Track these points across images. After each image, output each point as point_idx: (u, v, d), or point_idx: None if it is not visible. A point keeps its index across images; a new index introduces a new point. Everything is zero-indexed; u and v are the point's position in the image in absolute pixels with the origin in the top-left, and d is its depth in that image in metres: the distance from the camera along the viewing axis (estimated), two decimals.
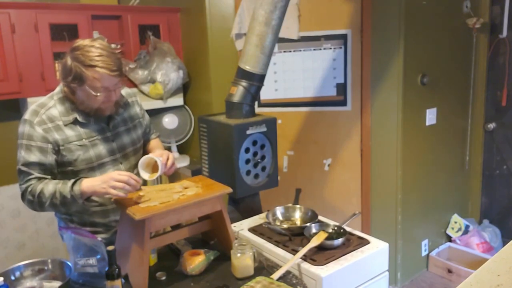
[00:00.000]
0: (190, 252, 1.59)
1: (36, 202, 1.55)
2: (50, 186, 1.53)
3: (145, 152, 1.89)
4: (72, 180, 1.53)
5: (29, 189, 1.55)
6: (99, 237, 1.69)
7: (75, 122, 1.61)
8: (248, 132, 1.98)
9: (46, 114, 1.59)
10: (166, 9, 3.22)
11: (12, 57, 2.57)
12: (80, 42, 1.55)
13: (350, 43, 2.88)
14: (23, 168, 1.56)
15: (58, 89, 1.67)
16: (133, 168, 1.77)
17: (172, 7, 3.23)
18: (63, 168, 1.62)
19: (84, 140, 1.62)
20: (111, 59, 1.51)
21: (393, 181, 2.91)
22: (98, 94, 1.53)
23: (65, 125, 1.60)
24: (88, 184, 1.51)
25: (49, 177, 1.59)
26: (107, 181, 1.47)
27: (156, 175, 1.58)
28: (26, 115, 1.59)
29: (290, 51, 3.00)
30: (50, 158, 1.58)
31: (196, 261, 1.54)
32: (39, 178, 1.57)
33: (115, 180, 1.46)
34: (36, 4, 2.71)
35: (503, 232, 3.34)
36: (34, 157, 1.56)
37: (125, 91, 1.82)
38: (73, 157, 1.60)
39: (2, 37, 2.53)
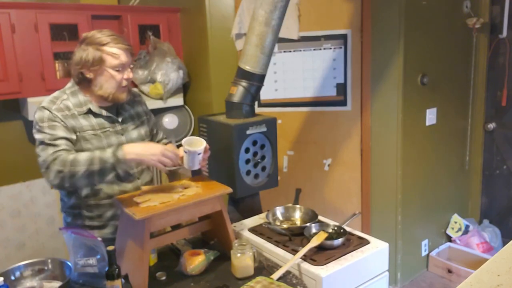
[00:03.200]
0: (190, 252, 1.59)
1: (66, 172, 1.50)
2: (84, 155, 1.52)
3: None
4: (113, 147, 1.56)
5: (59, 158, 1.51)
6: (96, 233, 1.72)
7: (88, 112, 1.68)
8: (248, 132, 1.98)
9: (63, 103, 1.65)
10: (166, 9, 3.22)
11: (12, 57, 2.57)
12: (87, 33, 1.67)
13: (350, 43, 2.88)
14: (51, 142, 1.55)
15: (69, 84, 1.73)
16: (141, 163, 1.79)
17: (172, 7, 3.23)
18: None
19: (96, 130, 1.68)
20: (122, 38, 1.66)
21: (393, 181, 2.91)
22: (118, 69, 1.63)
23: (79, 115, 1.66)
24: (132, 150, 1.54)
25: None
26: (157, 154, 1.53)
27: (199, 149, 1.61)
28: (44, 103, 1.64)
29: (290, 51, 3.00)
30: (74, 137, 1.62)
31: (196, 261, 1.54)
32: (68, 150, 1.57)
33: (165, 156, 1.54)
34: (36, 4, 2.71)
35: (503, 232, 3.34)
36: (61, 132, 1.59)
37: (133, 90, 1.90)
38: (87, 145, 1.65)
39: (2, 37, 2.53)
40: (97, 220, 1.75)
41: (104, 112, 1.70)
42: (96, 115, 1.69)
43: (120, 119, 1.75)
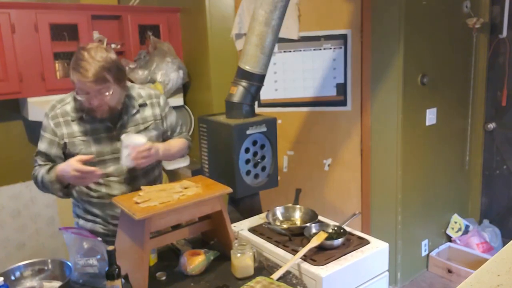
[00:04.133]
0: (190, 252, 1.59)
1: (39, 186, 1.72)
2: (41, 172, 1.69)
3: None
4: (48, 167, 1.68)
5: (34, 174, 1.72)
6: (99, 228, 1.79)
7: (82, 118, 1.71)
8: (248, 132, 1.98)
9: (61, 109, 1.72)
10: (166, 9, 3.22)
11: (12, 57, 2.57)
12: (86, 44, 1.64)
13: (350, 43, 2.88)
14: (35, 156, 1.74)
15: None
16: (136, 169, 1.77)
17: (172, 7, 3.23)
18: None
19: (88, 136, 1.70)
20: (93, 67, 1.55)
21: (393, 181, 2.91)
22: (79, 96, 1.63)
23: (73, 121, 1.71)
24: (60, 168, 1.62)
25: (51, 164, 1.72)
26: (68, 169, 1.58)
27: (126, 151, 1.61)
28: (48, 108, 1.74)
29: (290, 51, 3.00)
30: (55, 150, 1.71)
31: (196, 261, 1.54)
32: (42, 166, 1.71)
33: (77, 176, 1.57)
34: (36, 4, 2.71)
35: (503, 232, 3.34)
36: (43, 146, 1.71)
37: (146, 91, 1.86)
38: (76, 150, 1.69)
39: (2, 37, 2.53)
40: (91, 214, 1.81)
41: (98, 119, 1.70)
42: (89, 121, 1.71)
43: (117, 126, 1.73)
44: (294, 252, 1.58)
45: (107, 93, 1.62)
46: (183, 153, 1.96)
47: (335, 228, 1.71)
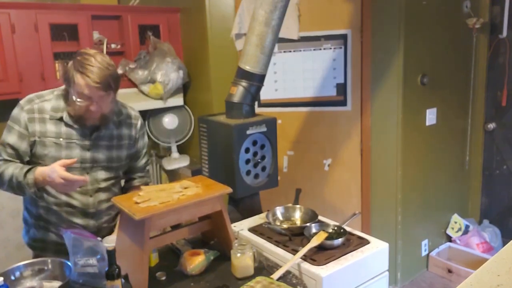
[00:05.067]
0: (190, 252, 1.59)
1: (3, 183, 1.62)
2: (10, 169, 1.59)
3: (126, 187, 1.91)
4: (28, 167, 1.59)
5: None
6: (53, 236, 1.72)
7: (60, 119, 1.65)
8: (248, 132, 1.98)
9: (38, 105, 1.65)
10: (166, 9, 3.22)
11: (12, 57, 2.57)
12: (87, 50, 1.61)
13: (350, 43, 2.88)
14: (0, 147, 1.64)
15: (63, 86, 1.71)
16: (99, 182, 1.73)
17: (172, 7, 3.23)
18: (34, 160, 1.65)
19: (61, 139, 1.65)
20: (101, 72, 1.54)
21: (393, 181, 2.91)
22: (79, 100, 1.57)
23: (50, 119, 1.64)
24: (41, 173, 1.54)
25: (18, 161, 1.64)
26: (52, 175, 1.51)
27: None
28: (22, 100, 1.68)
29: (290, 51, 3.00)
30: (25, 146, 1.63)
31: (196, 261, 1.54)
32: (7, 161, 1.63)
33: (55, 178, 1.50)
34: (36, 4, 2.71)
35: (503, 232, 3.34)
36: (11, 139, 1.63)
37: (127, 110, 1.83)
38: (44, 151, 1.64)
39: (2, 37, 2.53)
40: (44, 222, 1.74)
41: (76, 124, 1.66)
42: (67, 124, 1.65)
43: (92, 136, 1.69)
44: (294, 252, 1.58)
45: (109, 101, 1.60)
46: None
47: (335, 228, 1.71)
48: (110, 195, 1.79)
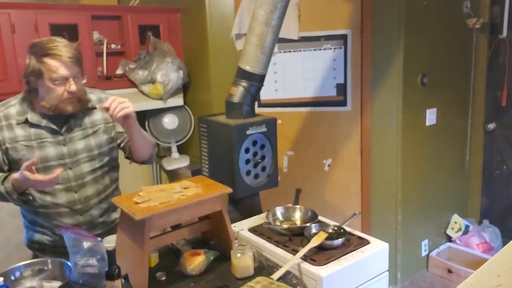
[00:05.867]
0: (190, 252, 1.59)
1: None
2: None
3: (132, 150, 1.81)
4: (3, 175, 1.58)
5: None
6: (46, 240, 1.72)
7: (26, 122, 1.63)
8: (248, 132, 1.98)
9: (3, 112, 1.64)
10: (166, 9, 3.22)
11: (12, 57, 2.57)
12: (37, 40, 1.60)
13: (350, 43, 2.88)
14: None
15: (26, 89, 1.68)
16: (84, 176, 1.71)
17: (172, 7, 3.23)
18: (12, 166, 1.65)
19: (31, 141, 1.63)
20: (68, 49, 1.55)
21: (393, 181, 2.91)
22: (56, 83, 1.55)
23: (17, 124, 1.63)
24: (14, 178, 1.54)
25: None
26: (26, 181, 1.50)
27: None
28: None
29: (290, 51, 3.00)
30: None
31: (196, 261, 1.54)
32: None
33: (32, 182, 1.49)
34: (36, 4, 2.71)
35: (503, 232, 3.34)
36: None
37: (96, 95, 1.78)
38: (18, 156, 1.62)
39: (2, 37, 2.53)
40: (38, 226, 1.74)
41: (43, 123, 1.63)
42: (33, 125, 1.63)
43: (63, 130, 1.66)
44: (294, 252, 1.58)
45: (82, 79, 1.60)
46: (150, 146, 1.82)
47: (335, 228, 1.71)
48: (100, 187, 1.76)
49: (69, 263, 1.50)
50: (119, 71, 3.07)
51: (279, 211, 1.93)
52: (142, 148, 1.78)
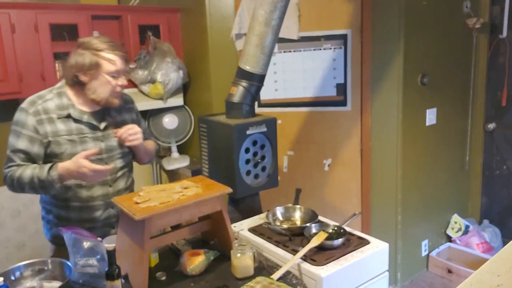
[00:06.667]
0: (190, 252, 1.59)
1: (16, 186, 1.63)
2: (28, 171, 1.60)
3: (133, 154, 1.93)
4: (49, 165, 1.60)
5: (9, 175, 1.63)
6: None
7: (68, 117, 1.68)
8: (248, 132, 1.98)
9: (42, 106, 1.66)
10: (166, 9, 3.22)
11: (12, 57, 2.57)
12: (84, 38, 1.69)
13: (350, 43, 2.88)
14: (10, 154, 1.64)
15: (59, 84, 1.74)
16: (118, 170, 1.80)
17: (172, 7, 3.23)
18: (49, 160, 1.66)
19: (73, 135, 1.68)
20: (119, 45, 1.71)
21: (393, 181, 2.91)
22: (114, 75, 1.66)
23: (58, 118, 1.67)
24: (63, 167, 1.58)
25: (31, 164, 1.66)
26: (80, 170, 1.55)
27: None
28: (24, 104, 1.68)
29: (290, 51, 3.00)
30: (37, 149, 1.64)
31: (196, 261, 1.54)
32: (21, 165, 1.63)
33: (84, 172, 1.54)
34: (36, 4, 2.71)
35: (503, 232, 3.34)
36: (22, 144, 1.63)
37: (127, 96, 1.91)
38: (60, 150, 1.66)
39: (2, 37, 2.53)
40: (65, 221, 1.76)
41: (85, 118, 1.70)
42: (75, 120, 1.69)
43: (102, 126, 1.74)
44: (294, 252, 1.58)
45: (126, 74, 1.74)
46: (152, 155, 2.00)
47: (335, 228, 1.71)
48: (128, 181, 1.87)
49: (69, 263, 1.50)
50: None
51: (279, 211, 1.93)
52: (144, 158, 1.96)
